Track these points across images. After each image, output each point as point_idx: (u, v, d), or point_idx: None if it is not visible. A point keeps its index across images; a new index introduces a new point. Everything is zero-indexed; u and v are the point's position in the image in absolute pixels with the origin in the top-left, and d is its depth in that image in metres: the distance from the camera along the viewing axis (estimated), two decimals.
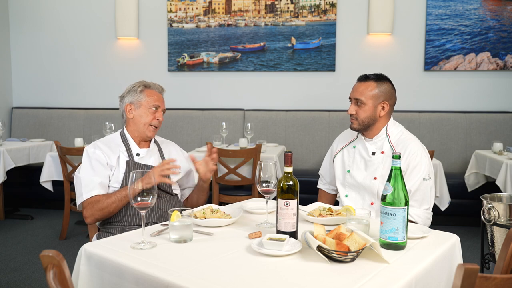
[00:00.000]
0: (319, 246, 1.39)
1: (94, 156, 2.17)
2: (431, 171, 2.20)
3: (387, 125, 2.27)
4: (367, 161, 2.27)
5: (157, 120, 2.25)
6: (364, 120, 2.23)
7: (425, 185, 2.15)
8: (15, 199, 5.02)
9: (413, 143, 2.21)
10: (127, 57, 5.53)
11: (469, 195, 4.26)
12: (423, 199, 2.16)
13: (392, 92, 2.27)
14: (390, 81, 2.28)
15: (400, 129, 2.30)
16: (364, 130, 2.28)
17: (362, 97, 2.21)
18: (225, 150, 3.86)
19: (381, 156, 2.24)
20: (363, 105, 2.22)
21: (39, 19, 5.66)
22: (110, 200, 2.07)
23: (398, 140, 2.24)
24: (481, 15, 4.92)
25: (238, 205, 2.13)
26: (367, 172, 2.27)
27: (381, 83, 2.23)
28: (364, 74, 2.28)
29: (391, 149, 2.22)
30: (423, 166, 2.16)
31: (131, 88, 2.28)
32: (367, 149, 2.29)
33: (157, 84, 2.33)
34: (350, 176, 2.32)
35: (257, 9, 5.30)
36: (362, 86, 2.24)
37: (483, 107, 4.99)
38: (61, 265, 1.15)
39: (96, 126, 5.40)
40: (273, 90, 5.32)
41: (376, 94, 2.21)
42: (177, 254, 1.50)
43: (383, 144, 2.26)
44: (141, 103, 2.24)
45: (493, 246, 2.37)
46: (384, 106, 2.23)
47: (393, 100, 2.28)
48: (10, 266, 3.43)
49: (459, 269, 1.07)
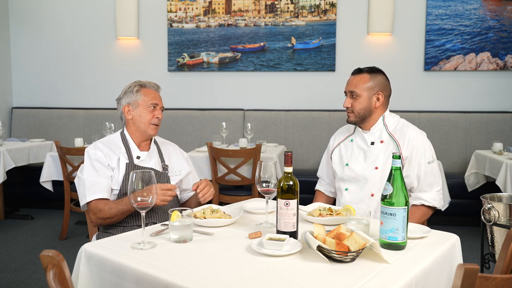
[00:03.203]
0: (319, 246, 1.39)
1: (95, 157, 2.16)
2: (433, 152, 2.26)
3: (383, 114, 2.30)
4: (366, 151, 2.29)
5: (156, 118, 2.24)
6: (360, 112, 2.25)
7: (432, 167, 2.21)
8: (15, 199, 5.03)
9: (411, 129, 2.25)
10: (127, 57, 5.53)
11: (469, 195, 4.26)
12: (433, 181, 2.21)
13: (386, 83, 2.30)
14: (383, 73, 2.31)
15: (396, 118, 2.33)
16: (361, 122, 2.30)
17: (357, 89, 2.25)
18: (225, 150, 3.86)
19: (380, 145, 2.26)
20: (358, 97, 2.25)
21: (39, 19, 5.66)
22: (112, 212, 2.06)
23: (396, 128, 2.27)
24: (481, 15, 4.92)
25: (238, 205, 2.13)
26: (366, 163, 2.28)
27: (375, 74, 2.27)
28: (358, 68, 2.33)
29: (390, 137, 2.25)
30: (426, 150, 2.20)
31: (127, 89, 2.27)
32: (365, 140, 2.30)
33: (153, 82, 2.31)
34: (349, 169, 2.32)
35: (257, 9, 5.30)
36: (356, 79, 2.28)
37: (483, 107, 4.99)
38: (61, 265, 1.15)
39: (96, 126, 5.40)
40: (273, 90, 5.32)
41: (370, 86, 2.25)
42: (177, 254, 1.50)
43: (382, 133, 2.28)
44: (138, 103, 2.23)
45: (493, 246, 2.37)
46: (379, 97, 2.26)
47: (388, 92, 2.31)
48: (10, 266, 3.43)
49: (459, 269, 1.07)
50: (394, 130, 2.27)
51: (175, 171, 2.31)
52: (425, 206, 2.22)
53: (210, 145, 3.90)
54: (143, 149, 2.28)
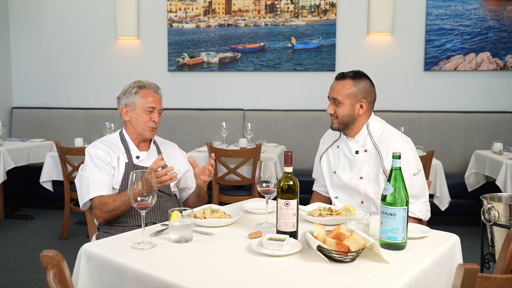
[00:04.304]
0: (319, 246, 1.39)
1: (97, 155, 2.16)
2: (419, 163, 2.16)
3: (367, 122, 2.22)
4: (351, 160, 2.24)
5: (153, 121, 2.22)
6: (343, 119, 2.18)
7: (417, 179, 2.12)
8: (15, 199, 5.02)
9: (396, 138, 2.15)
10: (127, 57, 5.53)
11: (469, 195, 4.26)
12: (418, 193, 2.14)
13: (371, 89, 2.21)
14: (368, 78, 2.23)
15: (381, 124, 2.24)
16: (345, 129, 2.24)
17: (339, 96, 2.18)
18: (225, 150, 3.86)
19: (364, 155, 2.20)
20: (341, 104, 2.18)
21: (39, 19, 5.66)
22: (117, 204, 2.06)
23: (381, 137, 2.18)
24: (481, 15, 4.92)
25: (238, 205, 2.13)
26: (352, 172, 2.23)
27: (358, 81, 2.19)
28: (341, 72, 2.24)
29: (374, 146, 2.18)
30: (410, 162, 2.11)
31: (126, 89, 2.26)
32: (350, 148, 2.25)
33: (153, 83, 2.29)
34: (337, 177, 2.28)
35: (257, 9, 5.30)
36: (339, 85, 2.20)
37: (483, 107, 4.99)
38: (61, 265, 1.15)
39: (96, 126, 5.40)
40: (273, 90, 5.32)
41: (353, 93, 2.17)
42: (177, 254, 1.49)
43: (366, 142, 2.21)
44: (136, 105, 2.22)
45: (493, 246, 2.37)
46: (362, 104, 2.18)
47: (372, 97, 2.23)
48: (10, 266, 3.43)
49: (459, 269, 1.07)
50: (379, 139, 2.18)
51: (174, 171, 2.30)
52: (411, 217, 2.12)
53: (210, 145, 3.90)
54: (143, 149, 2.28)
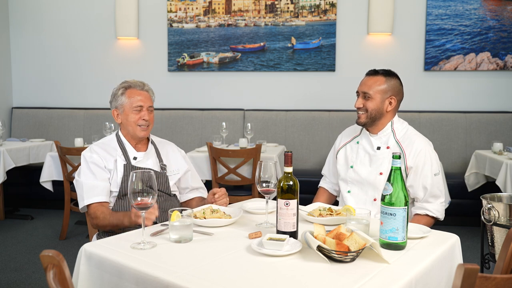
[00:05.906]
0: (319, 246, 1.39)
1: (92, 160, 2.16)
2: (439, 164, 2.29)
3: (392, 120, 2.29)
4: (372, 156, 2.27)
5: (143, 120, 2.21)
6: (372, 113, 2.23)
7: (438, 179, 2.21)
8: (15, 199, 5.02)
9: (419, 139, 2.23)
10: (127, 57, 5.53)
11: (469, 195, 4.26)
12: (438, 193, 2.22)
13: (400, 88, 2.29)
14: (398, 77, 2.29)
15: (404, 125, 2.32)
16: (370, 125, 2.28)
17: (370, 91, 2.22)
18: (225, 150, 3.86)
19: (386, 151, 2.24)
20: (371, 99, 2.22)
21: (39, 19, 5.66)
22: (105, 222, 2.05)
23: (404, 136, 2.25)
24: (481, 15, 4.92)
25: (238, 205, 2.13)
26: (371, 168, 2.26)
27: (390, 78, 2.25)
28: (374, 69, 2.30)
29: (396, 144, 2.23)
30: (433, 162, 2.20)
31: (114, 92, 2.26)
32: (372, 144, 2.28)
33: (139, 82, 2.27)
34: (354, 172, 2.31)
35: (257, 9, 5.30)
36: (370, 80, 2.25)
37: (483, 107, 4.99)
38: (61, 265, 1.15)
39: (96, 126, 5.40)
40: (273, 90, 5.32)
41: (384, 89, 2.23)
42: (177, 254, 1.50)
43: (388, 139, 2.26)
44: (124, 106, 2.22)
45: (493, 246, 2.37)
46: (391, 101, 2.24)
47: (401, 96, 2.29)
48: (10, 266, 3.43)
49: (459, 269, 1.07)
50: (402, 138, 2.25)
51: (173, 170, 2.30)
52: (429, 216, 2.22)
53: (210, 145, 3.90)
54: (140, 149, 2.27)
